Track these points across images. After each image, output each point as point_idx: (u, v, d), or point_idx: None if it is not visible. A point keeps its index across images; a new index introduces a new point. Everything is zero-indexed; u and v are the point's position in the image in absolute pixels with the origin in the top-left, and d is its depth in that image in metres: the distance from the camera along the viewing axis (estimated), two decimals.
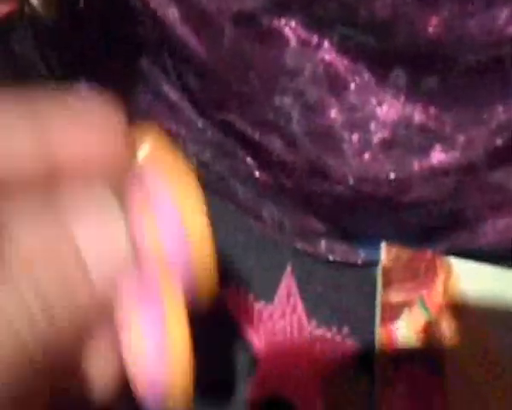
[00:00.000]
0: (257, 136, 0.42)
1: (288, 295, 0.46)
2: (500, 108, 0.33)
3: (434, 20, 0.33)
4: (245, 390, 0.42)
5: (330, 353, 0.43)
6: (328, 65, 0.35)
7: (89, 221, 0.17)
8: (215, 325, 0.46)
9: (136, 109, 0.52)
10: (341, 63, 0.35)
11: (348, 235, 0.50)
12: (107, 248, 0.17)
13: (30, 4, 0.39)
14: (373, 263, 0.48)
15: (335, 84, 0.35)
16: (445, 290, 0.45)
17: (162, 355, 0.17)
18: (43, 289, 0.15)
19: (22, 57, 0.49)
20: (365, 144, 0.36)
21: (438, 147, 0.35)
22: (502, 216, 0.43)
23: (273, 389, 0.42)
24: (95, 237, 0.17)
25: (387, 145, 0.36)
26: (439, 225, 0.46)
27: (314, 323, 0.45)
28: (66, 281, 0.16)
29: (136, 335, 0.17)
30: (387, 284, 0.45)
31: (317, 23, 0.36)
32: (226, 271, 0.50)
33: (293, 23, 0.35)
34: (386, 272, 0.46)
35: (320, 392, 0.42)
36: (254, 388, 0.42)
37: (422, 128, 0.35)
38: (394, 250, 0.47)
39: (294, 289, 0.46)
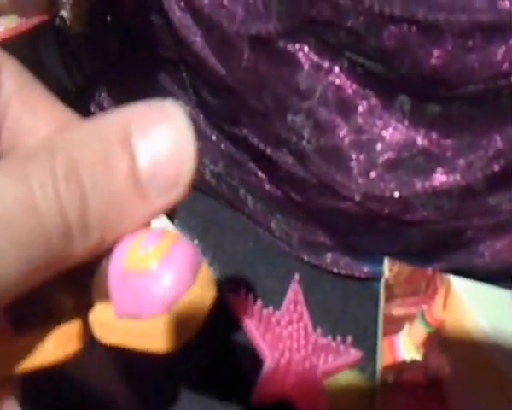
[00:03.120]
0: (268, 151, 0.44)
1: (295, 303, 0.48)
2: (497, 137, 0.35)
3: (437, 52, 0.35)
4: (250, 394, 0.44)
5: (334, 361, 0.45)
6: (338, 88, 0.37)
7: (154, 137, 0.16)
8: (223, 328, 0.49)
9: None
10: (350, 87, 0.37)
11: (353, 249, 0.52)
12: (167, 169, 0.16)
13: (60, 16, 0.42)
14: (376, 277, 0.50)
15: (344, 107, 0.37)
16: (445, 306, 0.47)
17: None
18: (86, 203, 0.15)
19: (49, 67, 0.52)
20: (371, 164, 0.38)
21: (439, 170, 0.37)
22: (499, 238, 0.45)
23: (277, 394, 0.44)
24: (158, 152, 0.16)
25: (392, 166, 0.38)
26: (439, 244, 0.48)
27: (319, 331, 0.47)
28: (112, 190, 0.15)
29: None
30: (390, 298, 0.47)
31: (329, 49, 0.38)
32: (235, 277, 0.53)
33: (306, 48, 0.38)
34: (388, 286, 0.48)
35: (323, 399, 0.44)
36: (259, 392, 0.44)
37: (425, 151, 0.37)
38: (397, 266, 0.49)
39: (301, 298, 0.49)
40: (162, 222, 0.50)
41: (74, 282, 0.19)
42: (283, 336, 0.46)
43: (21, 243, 0.14)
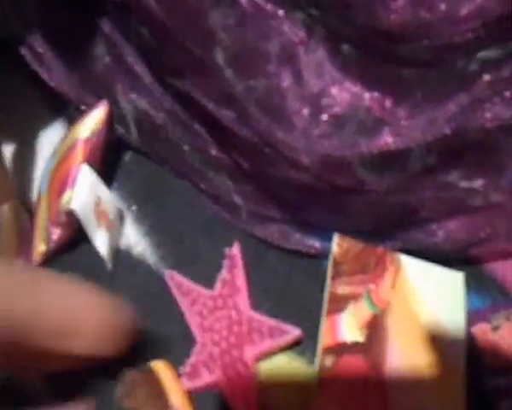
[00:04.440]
0: (211, 106, 0.41)
1: (232, 279, 0.45)
2: (449, 102, 0.32)
3: (395, 5, 0.32)
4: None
5: (269, 341, 0.42)
6: (282, 34, 0.33)
7: None
8: (157, 307, 0.45)
9: (94, 72, 0.50)
10: (296, 35, 0.34)
11: (303, 224, 0.48)
12: None
13: None
14: (325, 255, 0.47)
15: (288, 57, 0.34)
16: (393, 286, 0.44)
17: None
18: None
19: None
20: (316, 121, 0.35)
21: (386, 131, 0.33)
22: (453, 218, 0.42)
23: (207, 378, 0.41)
24: None
25: (337, 124, 0.35)
26: (392, 221, 0.45)
27: (259, 310, 0.43)
28: None
29: None
30: (336, 275, 0.44)
31: None
32: (173, 250, 0.48)
33: None
34: (335, 263, 0.45)
35: (254, 383, 0.41)
36: (190, 374, 0.41)
37: (373, 111, 0.34)
38: (346, 242, 0.46)
39: (239, 273, 0.45)
40: (94, 185, 0.46)
41: None
42: (217, 316, 0.43)
43: None
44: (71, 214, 0.44)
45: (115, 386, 0.39)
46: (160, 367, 0.39)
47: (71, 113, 0.53)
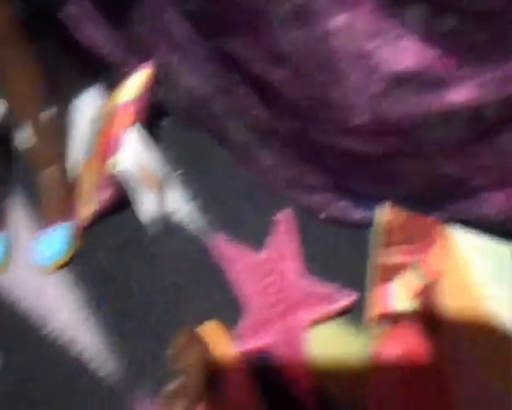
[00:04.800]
0: (260, 67, 0.40)
1: (283, 245, 0.44)
2: None
3: None
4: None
5: (323, 307, 0.42)
6: None
7: None
8: (199, 271, 0.45)
9: (136, 38, 0.49)
10: None
11: (348, 193, 0.47)
12: None
13: None
14: (369, 224, 0.46)
15: (344, 7, 0.33)
16: (442, 257, 0.43)
17: None
18: None
19: None
20: (373, 78, 0.34)
21: (450, 88, 0.32)
22: (505, 188, 0.41)
23: (258, 342, 0.41)
24: None
25: (398, 82, 0.34)
26: (443, 190, 0.44)
27: (309, 275, 0.43)
28: None
29: None
30: (383, 245, 0.43)
31: None
32: (218, 217, 0.48)
33: None
34: (382, 232, 0.44)
35: (304, 348, 0.41)
36: (240, 337, 0.41)
37: (436, 68, 0.32)
38: (393, 212, 0.44)
39: (290, 239, 0.45)
40: (141, 148, 0.46)
41: None
42: (268, 281, 0.42)
43: None
44: (117, 177, 0.44)
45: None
46: (208, 330, 0.39)
47: (108, 79, 0.53)
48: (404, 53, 0.34)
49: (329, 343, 0.41)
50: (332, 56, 0.34)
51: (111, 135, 0.45)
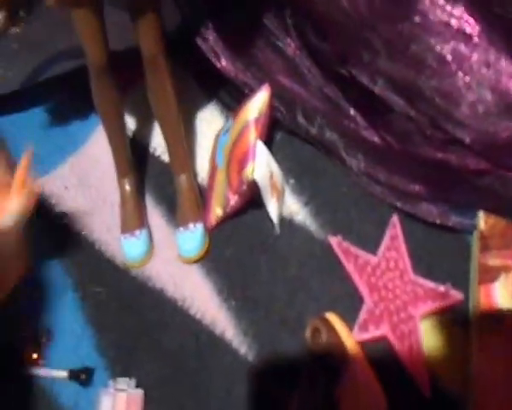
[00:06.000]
0: (378, 90, 0.45)
1: (394, 247, 0.49)
2: None
3: None
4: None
5: (433, 303, 0.46)
6: (460, 29, 0.37)
7: None
8: (321, 268, 0.51)
9: (257, 62, 0.55)
10: (473, 29, 0.37)
11: (448, 201, 0.52)
12: None
13: None
14: (468, 229, 0.50)
15: (465, 48, 0.38)
16: None
17: None
18: None
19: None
20: (487, 106, 0.38)
21: None
22: None
23: (376, 333, 0.46)
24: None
25: (508, 111, 0.38)
26: None
27: (417, 273, 0.48)
28: None
29: None
30: (484, 248, 0.48)
31: None
32: (331, 221, 0.53)
33: None
34: (483, 237, 0.48)
35: (419, 339, 0.45)
36: (360, 328, 0.46)
37: None
38: (492, 219, 0.49)
39: (400, 241, 0.50)
40: (268, 159, 0.51)
41: None
42: (384, 280, 0.48)
43: None
44: (251, 184, 0.50)
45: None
46: (334, 319, 0.44)
47: (223, 98, 0.61)
48: None
49: (439, 337, 0.46)
50: (453, 85, 0.39)
51: (243, 148, 0.51)
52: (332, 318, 0.44)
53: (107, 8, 0.46)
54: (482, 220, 0.49)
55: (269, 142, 0.56)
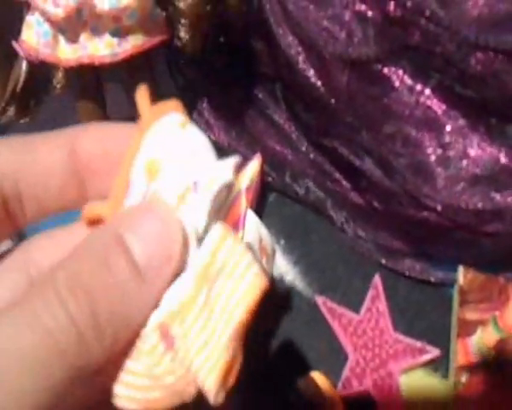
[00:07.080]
0: (357, 162, 0.49)
1: (376, 303, 0.52)
2: None
3: None
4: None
5: (412, 359, 0.49)
6: (428, 108, 0.41)
7: (142, 229, 0.18)
8: (309, 326, 0.54)
9: (249, 131, 0.60)
10: (440, 108, 0.41)
11: (428, 256, 0.55)
12: (158, 252, 0.18)
13: (180, 38, 0.47)
14: (448, 283, 0.53)
15: (432, 126, 0.42)
16: None
17: None
18: (94, 304, 0.15)
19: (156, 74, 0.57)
20: (456, 178, 0.42)
21: None
22: None
23: (359, 389, 0.48)
24: (147, 241, 0.18)
25: (475, 181, 0.42)
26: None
27: (397, 331, 0.51)
28: (116, 285, 0.16)
29: None
30: (463, 302, 0.51)
31: (420, 72, 0.42)
32: (319, 279, 0.57)
33: (400, 71, 0.42)
34: (462, 292, 0.51)
35: (400, 395, 0.48)
36: (344, 384, 0.49)
37: (506, 168, 0.40)
38: (471, 273, 0.52)
39: (382, 298, 0.53)
40: (257, 226, 0.55)
41: None
42: (366, 337, 0.51)
43: (44, 376, 0.15)
44: None
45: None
46: (318, 377, 0.47)
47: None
48: (481, 157, 0.42)
49: (418, 390, 0.49)
50: (425, 161, 0.43)
51: (235, 216, 0.55)
52: (315, 376, 0.48)
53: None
54: (461, 275, 0.52)
55: (261, 205, 0.60)
